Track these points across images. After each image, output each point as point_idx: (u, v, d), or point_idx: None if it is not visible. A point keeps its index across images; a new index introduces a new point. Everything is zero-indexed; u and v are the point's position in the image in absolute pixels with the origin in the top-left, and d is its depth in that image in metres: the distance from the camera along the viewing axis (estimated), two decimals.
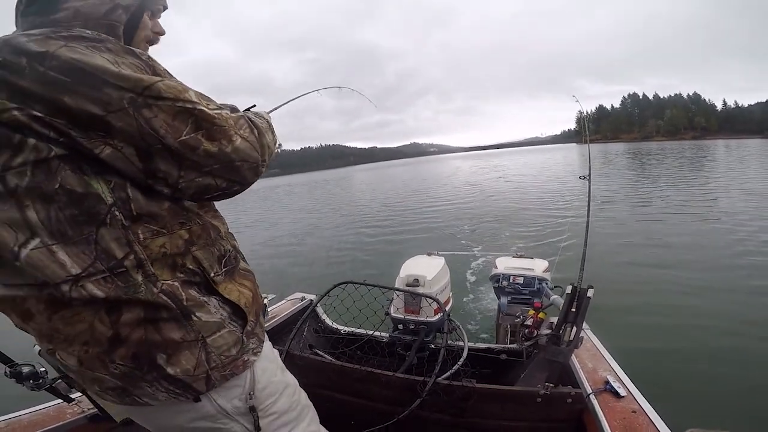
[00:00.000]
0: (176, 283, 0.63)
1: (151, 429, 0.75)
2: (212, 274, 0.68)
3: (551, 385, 1.35)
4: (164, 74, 0.59)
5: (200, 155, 0.58)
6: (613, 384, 1.32)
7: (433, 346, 1.91)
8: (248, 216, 17.62)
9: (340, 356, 1.88)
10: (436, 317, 1.90)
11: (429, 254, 2.34)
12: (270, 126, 0.76)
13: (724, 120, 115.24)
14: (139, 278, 0.59)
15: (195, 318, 0.64)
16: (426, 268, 2.07)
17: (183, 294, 0.63)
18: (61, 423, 1.19)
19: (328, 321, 2.17)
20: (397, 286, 1.99)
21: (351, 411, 1.42)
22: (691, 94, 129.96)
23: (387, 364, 1.79)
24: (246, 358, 0.72)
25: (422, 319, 1.91)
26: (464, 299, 4.59)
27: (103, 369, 0.61)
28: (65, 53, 0.51)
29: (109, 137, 0.53)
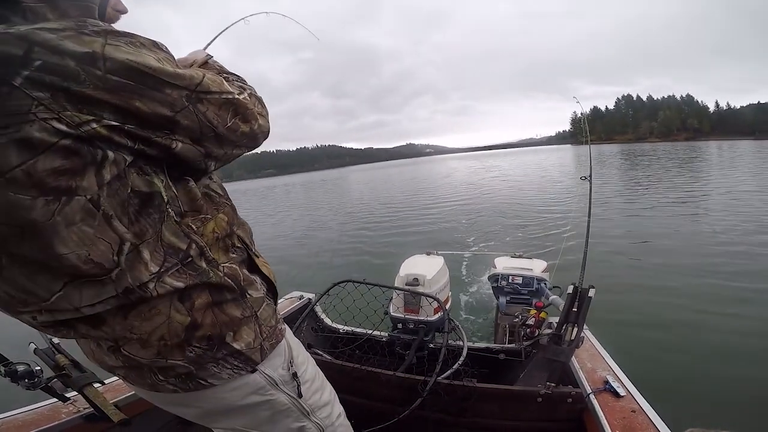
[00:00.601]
0: (234, 265, 0.68)
1: (197, 414, 0.76)
2: (254, 250, 0.76)
3: (552, 384, 1.35)
4: (186, 64, 0.62)
5: (238, 135, 0.65)
6: (612, 384, 1.33)
7: (432, 345, 1.90)
8: (245, 216, 17.61)
9: (339, 355, 1.87)
10: (436, 316, 1.90)
11: (428, 253, 2.33)
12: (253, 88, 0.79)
13: (717, 121, 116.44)
14: (204, 265, 0.63)
15: (249, 295, 0.70)
16: (425, 268, 2.07)
17: (241, 274, 0.69)
18: (56, 423, 1.17)
19: (327, 320, 2.16)
20: (396, 285, 1.98)
21: (351, 410, 1.40)
22: (684, 96, 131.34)
23: (386, 363, 1.78)
24: (281, 327, 0.78)
25: (422, 318, 1.91)
26: (463, 299, 4.61)
27: (180, 354, 0.63)
28: (115, 53, 0.48)
29: (173, 134, 0.55)
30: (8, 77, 0.42)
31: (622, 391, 1.29)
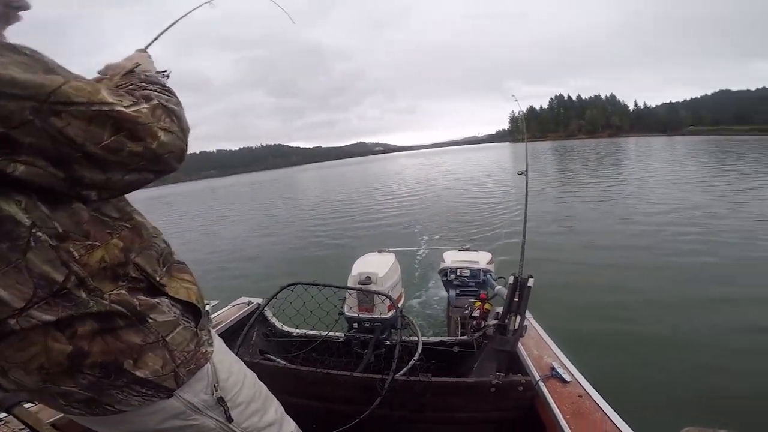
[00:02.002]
0: (123, 292, 0.62)
1: None
2: (157, 278, 0.68)
3: (502, 374, 1.38)
4: (59, 69, 0.50)
5: (125, 156, 0.54)
6: (558, 370, 1.37)
7: (389, 342, 1.91)
8: (186, 221, 16.58)
9: (294, 360, 1.82)
10: (390, 314, 1.91)
11: (380, 251, 2.34)
12: (179, 102, 0.69)
13: (636, 119, 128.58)
14: (83, 295, 0.57)
15: (150, 320, 0.64)
16: (377, 266, 2.08)
17: (135, 300, 0.63)
18: None
19: (278, 324, 2.09)
20: (349, 284, 1.97)
21: (310, 415, 1.37)
22: (608, 95, 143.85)
23: (345, 364, 1.76)
24: (204, 350, 0.73)
25: (376, 316, 1.92)
26: (416, 294, 4.69)
27: (71, 381, 0.59)
28: None
29: (15, 154, 0.46)
30: None
31: (567, 377, 1.33)
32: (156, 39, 0.93)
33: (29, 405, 0.91)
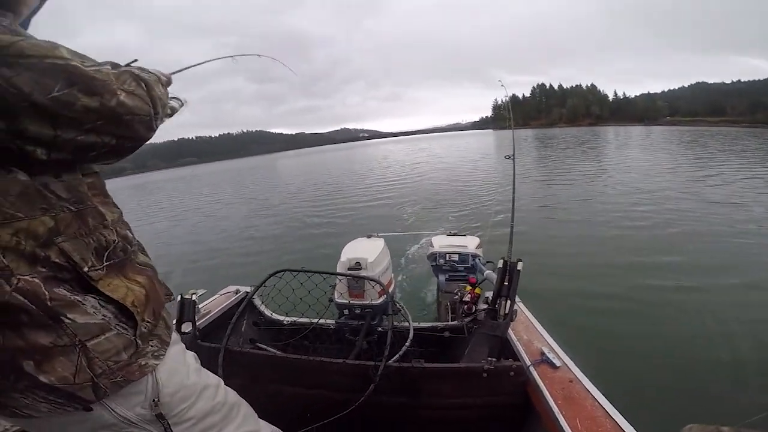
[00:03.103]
0: (36, 280, 0.55)
1: None
2: (86, 269, 0.61)
3: (494, 359, 1.38)
4: (30, 37, 0.51)
5: (78, 111, 0.52)
6: (548, 355, 1.36)
7: (380, 329, 1.90)
8: (167, 210, 16.19)
9: (285, 348, 1.79)
10: (381, 299, 1.90)
11: (369, 236, 2.32)
12: (159, 80, 0.68)
13: (615, 109, 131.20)
14: None
15: (67, 320, 0.57)
16: (367, 251, 2.06)
17: (46, 293, 0.56)
18: None
19: (268, 312, 2.05)
20: (338, 270, 1.94)
21: (304, 404, 1.35)
22: (589, 85, 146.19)
23: (336, 351, 1.74)
24: (143, 362, 0.66)
25: (367, 302, 1.90)
26: (405, 279, 4.70)
27: None
28: None
29: None
30: None
31: (557, 362, 1.33)
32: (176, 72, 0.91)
33: None
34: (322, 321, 1.93)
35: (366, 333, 1.83)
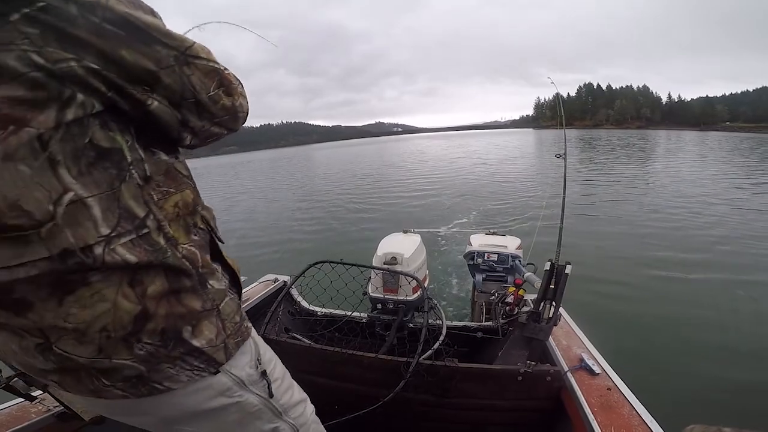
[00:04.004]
0: (193, 248, 0.62)
1: (154, 422, 0.69)
2: (218, 234, 0.70)
3: (533, 363, 1.35)
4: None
5: (218, 108, 0.62)
6: (587, 362, 1.33)
7: (411, 325, 1.88)
8: (210, 197, 16.93)
9: (317, 339, 1.80)
10: (415, 296, 1.87)
11: (405, 232, 2.29)
12: None
13: (668, 112, 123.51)
14: (162, 241, 0.57)
15: (209, 286, 0.64)
16: (403, 246, 2.03)
17: (200, 260, 0.63)
18: (27, 423, 1.07)
19: (304, 303, 2.07)
20: (374, 264, 1.93)
21: (333, 395, 1.36)
22: (641, 86, 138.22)
23: (366, 345, 1.74)
24: (247, 324, 0.73)
25: (401, 298, 1.88)
26: (439, 277, 4.66)
27: (127, 352, 0.56)
28: (117, 6, 0.48)
29: (152, 91, 0.53)
30: (6, 12, 0.42)
31: (597, 369, 1.30)
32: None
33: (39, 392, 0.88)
34: (354, 314, 1.92)
35: (397, 328, 1.82)
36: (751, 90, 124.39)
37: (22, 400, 1.08)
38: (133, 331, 0.55)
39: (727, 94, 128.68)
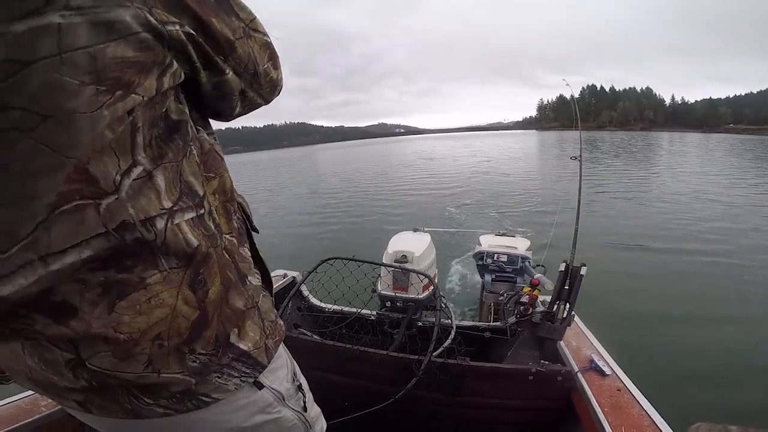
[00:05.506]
0: (233, 239, 0.58)
1: None
2: (253, 224, 0.68)
3: (547, 363, 1.35)
4: None
5: (267, 80, 0.61)
6: (597, 362, 1.33)
7: (420, 323, 1.87)
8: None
9: (326, 335, 1.80)
10: (425, 294, 1.87)
11: (415, 230, 2.28)
12: None
13: (671, 114, 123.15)
14: (212, 227, 0.52)
15: (248, 282, 0.60)
16: (413, 245, 2.03)
17: (238, 254, 0.59)
18: (37, 416, 1.06)
19: (313, 299, 2.05)
20: (384, 262, 1.92)
21: (344, 392, 1.35)
22: (644, 88, 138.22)
23: (375, 342, 1.73)
24: (280, 323, 0.68)
25: (411, 296, 1.87)
26: (447, 277, 4.65)
27: (179, 365, 0.49)
28: None
29: (226, 60, 0.52)
30: None
31: (607, 370, 1.29)
32: None
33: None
34: (364, 311, 1.91)
35: (407, 326, 1.80)
36: (755, 92, 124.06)
37: (31, 393, 1.08)
38: (188, 339, 0.49)
39: (730, 96, 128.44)
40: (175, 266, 0.47)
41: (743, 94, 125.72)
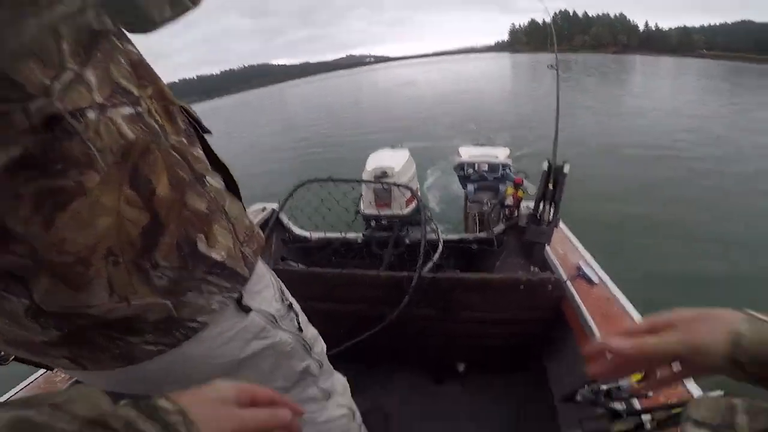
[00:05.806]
0: (182, 139, 0.49)
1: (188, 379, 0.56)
2: (204, 125, 0.58)
3: (536, 269, 1.31)
4: None
5: None
6: (585, 270, 1.27)
7: (408, 241, 1.82)
8: None
9: (314, 264, 1.72)
10: (409, 209, 1.82)
11: (393, 147, 2.19)
12: None
13: (645, 39, 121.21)
14: (154, 124, 0.45)
15: (207, 182, 0.51)
16: (392, 160, 1.96)
17: (192, 152, 0.50)
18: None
19: (296, 229, 1.94)
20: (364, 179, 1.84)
21: (337, 319, 1.28)
22: (617, 14, 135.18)
23: (364, 265, 1.68)
24: (258, 231, 0.61)
25: (395, 212, 1.83)
26: (428, 191, 4.68)
27: (146, 285, 0.44)
28: None
29: None
30: None
31: (595, 279, 1.24)
32: None
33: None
34: (349, 235, 1.84)
35: (394, 244, 1.77)
36: (730, 23, 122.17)
37: (44, 370, 1.02)
38: (143, 249, 0.42)
39: (705, 25, 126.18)
40: (111, 163, 0.39)
41: (718, 24, 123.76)
